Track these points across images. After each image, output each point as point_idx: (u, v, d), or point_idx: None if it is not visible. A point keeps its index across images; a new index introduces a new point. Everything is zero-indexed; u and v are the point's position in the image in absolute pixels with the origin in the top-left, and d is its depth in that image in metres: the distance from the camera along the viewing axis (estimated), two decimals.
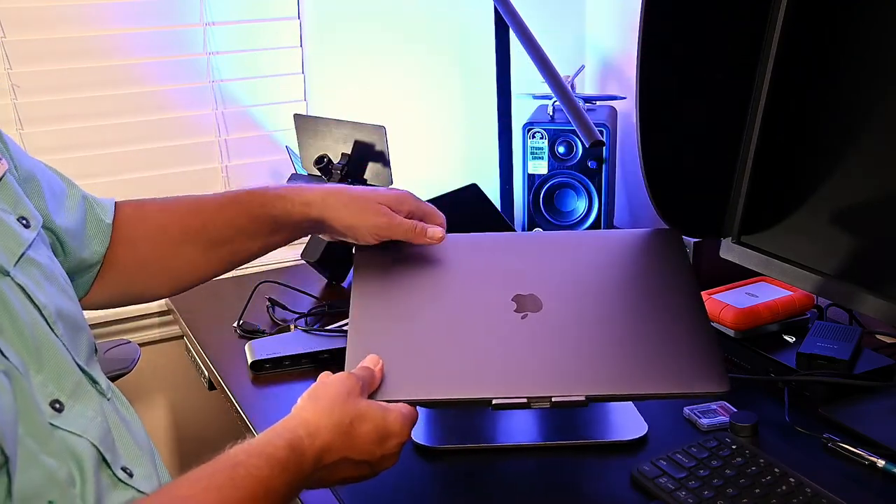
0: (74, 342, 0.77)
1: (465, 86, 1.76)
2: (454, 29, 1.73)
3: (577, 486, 0.90)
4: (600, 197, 1.58)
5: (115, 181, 1.53)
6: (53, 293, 0.76)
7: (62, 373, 0.72)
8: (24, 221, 0.78)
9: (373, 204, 0.96)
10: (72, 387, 0.73)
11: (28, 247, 0.76)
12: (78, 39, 1.46)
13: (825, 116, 0.97)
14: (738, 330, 1.11)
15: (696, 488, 0.83)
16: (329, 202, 0.96)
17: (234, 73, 1.58)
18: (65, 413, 0.70)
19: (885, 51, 0.90)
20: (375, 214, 0.96)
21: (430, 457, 0.95)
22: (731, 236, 1.09)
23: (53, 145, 1.47)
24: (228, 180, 1.62)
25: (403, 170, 1.40)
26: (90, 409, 0.73)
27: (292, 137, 1.46)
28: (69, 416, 0.71)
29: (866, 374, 1.02)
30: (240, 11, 1.56)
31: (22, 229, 0.77)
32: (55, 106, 1.47)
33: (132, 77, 1.51)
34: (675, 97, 1.05)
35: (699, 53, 1.04)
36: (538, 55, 1.35)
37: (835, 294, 0.98)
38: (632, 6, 1.63)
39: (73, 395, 0.72)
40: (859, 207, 0.95)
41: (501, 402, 0.84)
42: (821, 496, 0.81)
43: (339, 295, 1.44)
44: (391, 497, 0.89)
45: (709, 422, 0.98)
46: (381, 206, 0.96)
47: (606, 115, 1.62)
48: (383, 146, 1.31)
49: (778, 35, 1.00)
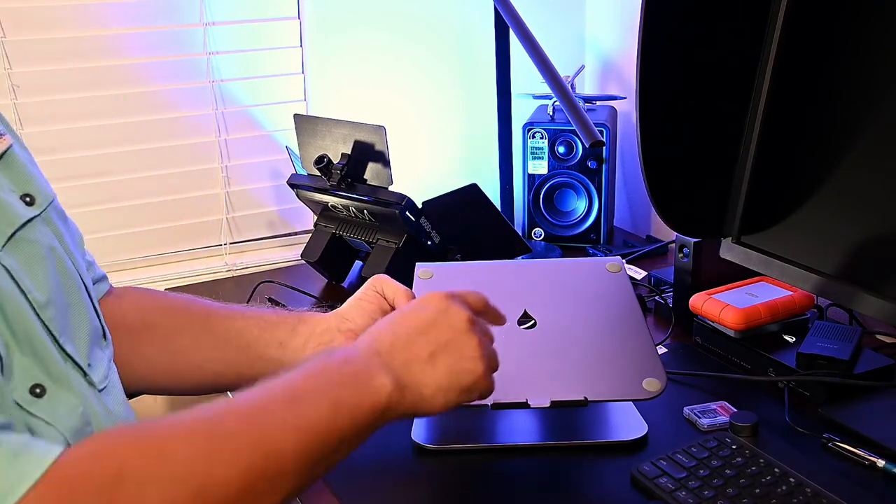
0: (68, 329, 0.76)
1: (465, 86, 1.76)
2: (454, 29, 1.73)
3: (577, 486, 0.90)
4: (600, 197, 1.58)
5: (115, 181, 1.53)
6: (47, 276, 0.74)
7: (45, 358, 0.71)
8: (27, 199, 0.77)
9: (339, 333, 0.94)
10: (57, 373, 0.72)
11: (21, 227, 0.74)
12: (78, 39, 1.46)
13: (825, 116, 0.97)
14: (738, 330, 1.11)
15: (696, 488, 0.83)
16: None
17: (234, 73, 1.58)
18: (45, 399, 0.70)
19: (885, 51, 0.90)
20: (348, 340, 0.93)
21: (430, 457, 0.95)
22: (731, 236, 1.09)
23: (53, 145, 1.47)
24: (228, 180, 1.62)
25: (403, 170, 1.39)
26: (73, 398, 0.73)
27: (292, 137, 1.46)
28: (49, 404, 0.70)
29: (866, 374, 1.02)
30: (240, 11, 1.56)
31: (21, 207, 0.75)
32: (55, 106, 1.47)
33: (132, 77, 1.51)
34: (675, 97, 1.05)
35: (699, 53, 1.04)
36: (538, 55, 1.35)
37: (835, 294, 0.98)
38: (632, 6, 1.64)
39: (58, 382, 0.72)
40: (859, 207, 0.94)
41: (501, 402, 0.87)
42: (821, 496, 0.81)
43: (339, 295, 1.44)
44: (391, 497, 0.89)
45: (709, 422, 0.98)
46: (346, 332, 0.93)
47: (606, 115, 1.62)
48: (383, 146, 1.31)
49: (778, 35, 1.00)
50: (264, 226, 1.67)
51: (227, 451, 0.62)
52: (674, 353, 1.17)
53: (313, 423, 0.66)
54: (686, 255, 1.21)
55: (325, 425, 0.67)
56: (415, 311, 0.78)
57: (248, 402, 0.67)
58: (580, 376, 0.92)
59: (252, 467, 0.62)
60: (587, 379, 0.91)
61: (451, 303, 0.78)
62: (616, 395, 0.91)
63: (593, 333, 0.97)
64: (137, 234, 1.57)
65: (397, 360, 0.74)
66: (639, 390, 0.90)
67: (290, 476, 0.64)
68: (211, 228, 1.63)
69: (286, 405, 0.67)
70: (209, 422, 0.64)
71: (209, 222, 1.62)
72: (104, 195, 1.53)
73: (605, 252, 1.56)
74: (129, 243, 1.57)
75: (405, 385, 0.73)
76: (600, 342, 0.96)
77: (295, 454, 0.65)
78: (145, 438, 0.61)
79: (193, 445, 0.61)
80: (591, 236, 1.61)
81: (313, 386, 0.69)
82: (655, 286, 1.34)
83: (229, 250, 1.63)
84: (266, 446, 0.63)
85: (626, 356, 0.94)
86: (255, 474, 0.62)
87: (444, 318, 0.77)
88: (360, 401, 0.70)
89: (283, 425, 0.65)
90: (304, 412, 0.67)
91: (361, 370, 0.72)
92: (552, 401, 0.88)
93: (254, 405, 0.67)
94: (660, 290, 1.31)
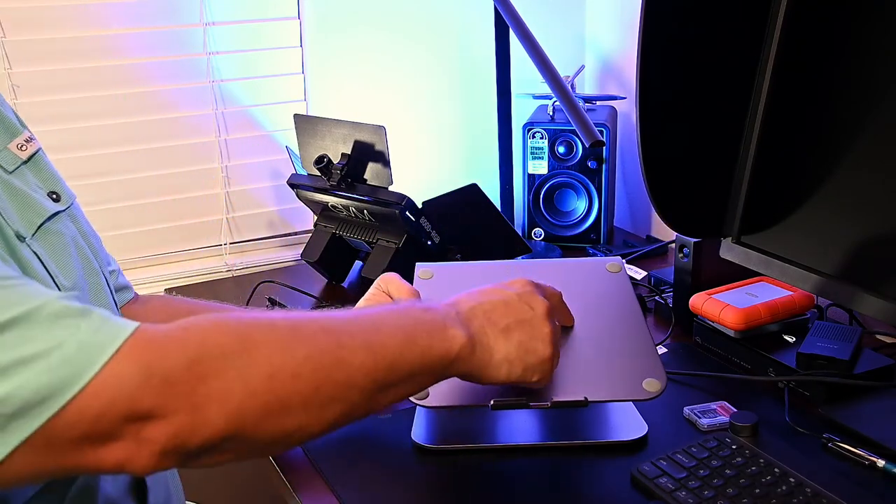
0: None
1: (465, 86, 1.76)
2: (454, 29, 1.73)
3: (577, 486, 0.90)
4: (600, 197, 1.58)
5: (115, 181, 1.53)
6: (72, 265, 0.81)
7: None
8: (54, 196, 0.84)
9: None
10: None
11: (48, 218, 0.80)
12: (78, 39, 1.46)
13: (825, 116, 0.97)
14: (738, 330, 1.11)
15: (696, 488, 0.83)
16: None
17: (234, 73, 1.58)
18: None
19: (885, 51, 0.90)
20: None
21: (430, 457, 0.95)
22: (731, 236, 1.09)
23: (53, 145, 1.47)
24: (228, 180, 1.62)
25: (403, 170, 1.40)
26: None
27: (292, 137, 1.46)
28: None
29: (866, 374, 1.02)
30: (240, 11, 1.56)
31: (48, 203, 0.82)
32: (55, 106, 1.47)
33: (132, 77, 1.51)
34: (675, 97, 1.05)
35: (699, 53, 1.04)
36: (538, 55, 1.35)
37: (835, 294, 0.98)
38: (632, 6, 1.64)
39: None
40: (859, 207, 0.94)
41: (501, 402, 0.87)
42: (821, 496, 0.81)
43: (339, 295, 1.44)
44: (391, 497, 0.89)
45: (709, 422, 0.98)
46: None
47: (606, 115, 1.62)
48: (383, 146, 1.31)
49: (778, 35, 1.00)
50: (264, 226, 1.67)
51: (303, 348, 0.65)
52: (674, 353, 1.17)
53: (386, 349, 0.70)
54: (686, 255, 1.21)
55: (395, 354, 0.71)
56: (500, 287, 0.83)
57: (332, 318, 0.71)
58: (580, 377, 0.91)
59: (323, 368, 0.66)
60: (587, 379, 0.91)
61: (535, 289, 0.84)
62: (616, 395, 0.91)
63: (594, 334, 0.97)
64: (137, 234, 1.57)
65: (475, 322, 0.78)
66: (639, 391, 0.90)
67: (357, 389, 0.68)
68: (211, 228, 1.63)
69: (365, 327, 0.71)
70: (293, 322, 0.68)
71: (209, 222, 1.63)
72: (104, 195, 1.54)
73: (605, 252, 1.56)
74: (129, 243, 1.57)
75: (477, 344, 0.77)
76: (600, 342, 0.96)
77: (363, 369, 0.68)
78: (230, 322, 0.65)
79: (274, 335, 0.65)
80: (591, 236, 1.61)
81: (393, 320, 0.73)
82: (655, 286, 1.34)
83: (229, 250, 1.64)
84: (339, 354, 0.67)
85: (627, 356, 0.94)
86: (324, 375, 0.66)
87: (528, 299, 0.82)
88: (433, 343, 0.73)
89: (358, 342, 0.69)
90: (380, 338, 0.71)
91: (440, 319, 0.76)
92: (552, 401, 0.88)
93: (336, 321, 0.70)
94: (660, 290, 1.31)
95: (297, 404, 0.64)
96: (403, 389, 0.73)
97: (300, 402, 0.64)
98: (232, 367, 0.61)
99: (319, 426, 0.67)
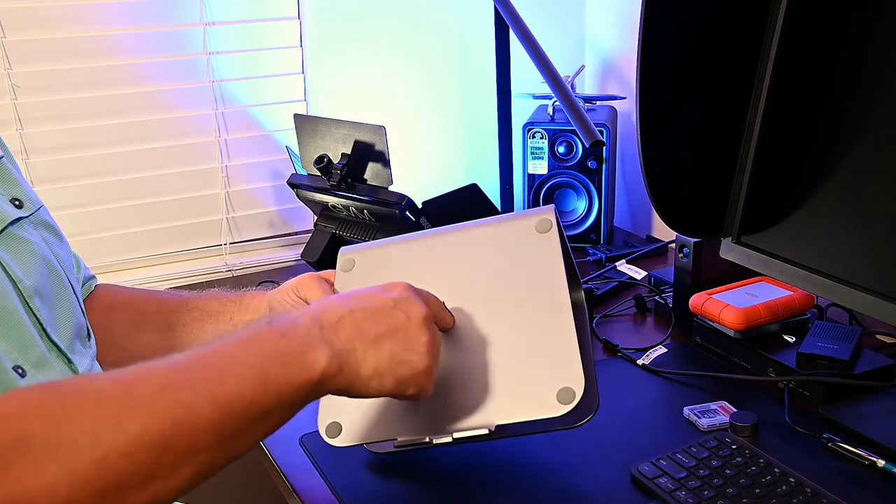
0: (54, 320, 0.82)
1: (465, 86, 1.76)
2: (454, 29, 1.73)
3: (577, 486, 0.90)
4: (600, 197, 1.58)
5: (115, 181, 1.53)
6: (36, 269, 0.81)
7: (26, 343, 0.77)
8: (16, 202, 0.85)
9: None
10: (35, 358, 0.77)
11: (10, 223, 0.81)
12: (78, 39, 1.46)
13: (825, 116, 0.97)
14: (738, 330, 1.11)
15: (696, 488, 0.83)
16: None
17: (234, 73, 1.58)
18: (26, 380, 0.75)
19: (885, 51, 0.90)
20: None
21: (427, 456, 0.95)
22: (731, 236, 1.09)
23: (53, 145, 1.47)
24: (228, 180, 1.62)
25: (403, 170, 1.40)
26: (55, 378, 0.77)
27: (292, 137, 1.46)
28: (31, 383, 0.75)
29: (866, 374, 1.02)
30: (240, 11, 1.56)
31: (10, 209, 0.83)
32: (55, 106, 1.47)
33: (132, 77, 1.51)
34: (675, 97, 1.05)
35: (699, 53, 1.04)
36: (538, 55, 1.35)
37: (835, 294, 0.98)
38: (632, 6, 1.64)
39: (36, 366, 0.77)
40: (859, 207, 0.94)
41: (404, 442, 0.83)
42: (821, 496, 0.81)
43: None
44: (391, 496, 0.89)
45: (709, 422, 0.98)
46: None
47: (606, 115, 1.62)
48: (383, 146, 1.31)
49: (778, 35, 1.00)
50: (264, 226, 1.67)
51: (137, 420, 0.58)
52: (674, 353, 1.17)
53: (234, 398, 0.62)
54: (686, 255, 1.21)
55: (247, 399, 0.63)
56: (376, 292, 0.76)
57: (169, 368, 0.63)
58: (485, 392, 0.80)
59: (160, 440, 0.58)
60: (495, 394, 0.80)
61: (414, 295, 0.77)
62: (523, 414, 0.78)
63: (503, 329, 0.83)
64: (138, 234, 1.57)
65: (341, 336, 0.71)
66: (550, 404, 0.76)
67: (203, 450, 0.61)
68: (211, 228, 1.63)
69: (209, 375, 0.63)
70: (123, 387, 0.60)
71: (209, 222, 1.63)
72: (104, 195, 1.53)
73: (605, 252, 1.56)
74: (129, 243, 1.57)
75: (343, 362, 0.70)
76: (511, 341, 0.82)
77: (209, 427, 0.61)
78: (52, 400, 0.58)
79: (101, 412, 0.58)
80: (591, 236, 1.61)
81: (243, 357, 0.65)
82: (655, 286, 1.34)
83: (229, 250, 1.63)
84: (178, 419, 0.59)
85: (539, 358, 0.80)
86: (164, 444, 0.59)
87: (404, 305, 0.75)
88: (290, 375, 0.66)
89: (201, 398, 0.61)
90: (226, 386, 0.63)
91: (298, 344, 0.68)
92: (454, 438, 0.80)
93: (174, 373, 0.62)
94: (660, 290, 1.31)
95: (137, 483, 0.57)
96: (262, 430, 0.66)
97: (140, 481, 0.58)
98: (53, 460, 0.54)
99: (167, 494, 0.60)
